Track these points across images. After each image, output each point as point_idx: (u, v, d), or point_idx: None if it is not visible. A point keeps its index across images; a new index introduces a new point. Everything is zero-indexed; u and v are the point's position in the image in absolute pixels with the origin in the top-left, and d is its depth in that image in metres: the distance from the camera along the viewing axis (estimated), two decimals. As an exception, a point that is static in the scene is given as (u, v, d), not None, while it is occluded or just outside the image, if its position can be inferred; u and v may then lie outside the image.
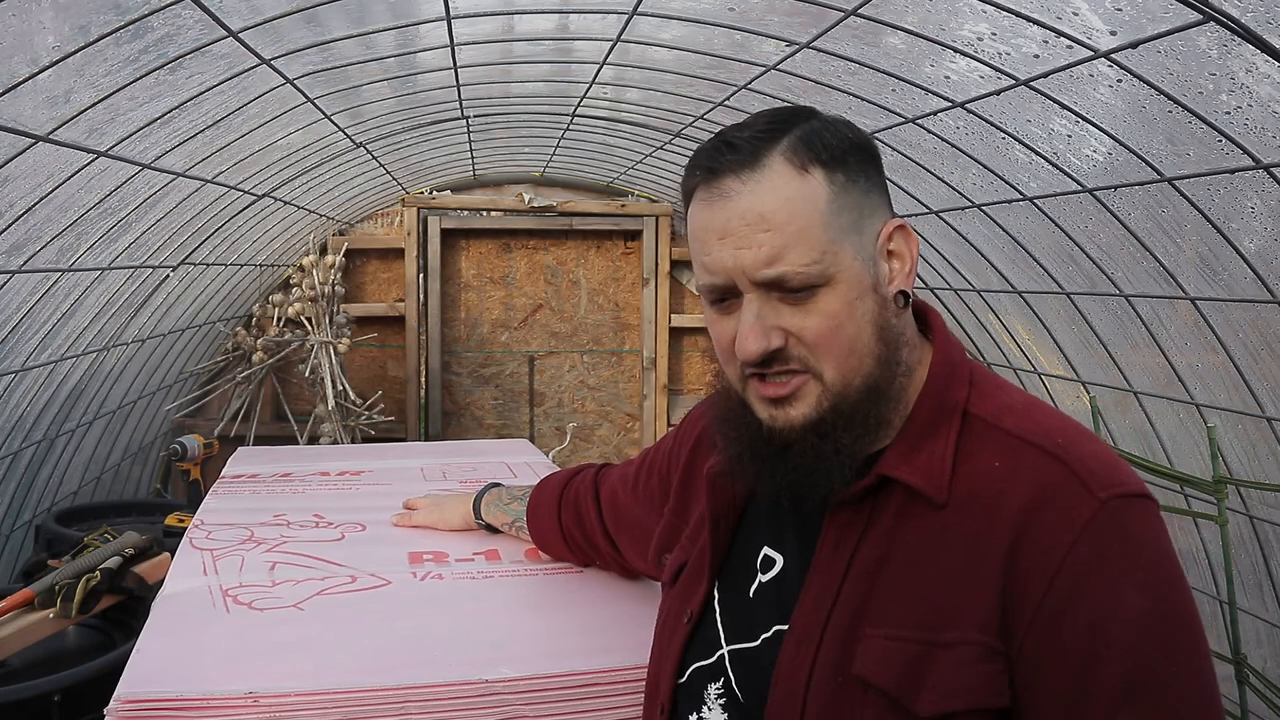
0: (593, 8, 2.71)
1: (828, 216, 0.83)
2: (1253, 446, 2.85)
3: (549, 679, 1.15)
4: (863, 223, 0.85)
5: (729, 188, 0.83)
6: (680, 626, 0.98)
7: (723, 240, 0.83)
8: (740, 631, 0.92)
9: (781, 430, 0.85)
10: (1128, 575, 0.74)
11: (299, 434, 5.20)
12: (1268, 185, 2.13)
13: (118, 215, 2.91)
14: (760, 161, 0.83)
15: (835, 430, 0.84)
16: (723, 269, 0.84)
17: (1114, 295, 2.98)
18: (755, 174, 0.83)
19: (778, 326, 0.83)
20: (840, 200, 0.84)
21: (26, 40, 1.88)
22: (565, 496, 1.44)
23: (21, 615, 1.91)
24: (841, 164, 0.84)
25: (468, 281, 5.84)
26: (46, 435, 3.49)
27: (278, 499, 1.93)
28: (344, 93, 3.24)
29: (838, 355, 0.83)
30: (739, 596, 0.94)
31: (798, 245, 0.81)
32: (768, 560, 0.93)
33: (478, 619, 1.31)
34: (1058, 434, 0.82)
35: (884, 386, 0.85)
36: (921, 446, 0.84)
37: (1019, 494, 0.78)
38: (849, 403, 0.84)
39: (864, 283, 0.84)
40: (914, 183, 3.42)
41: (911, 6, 2.28)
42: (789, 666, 0.84)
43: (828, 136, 0.85)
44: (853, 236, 0.84)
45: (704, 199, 0.85)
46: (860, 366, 0.84)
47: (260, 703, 1.07)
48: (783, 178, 0.83)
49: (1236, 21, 1.73)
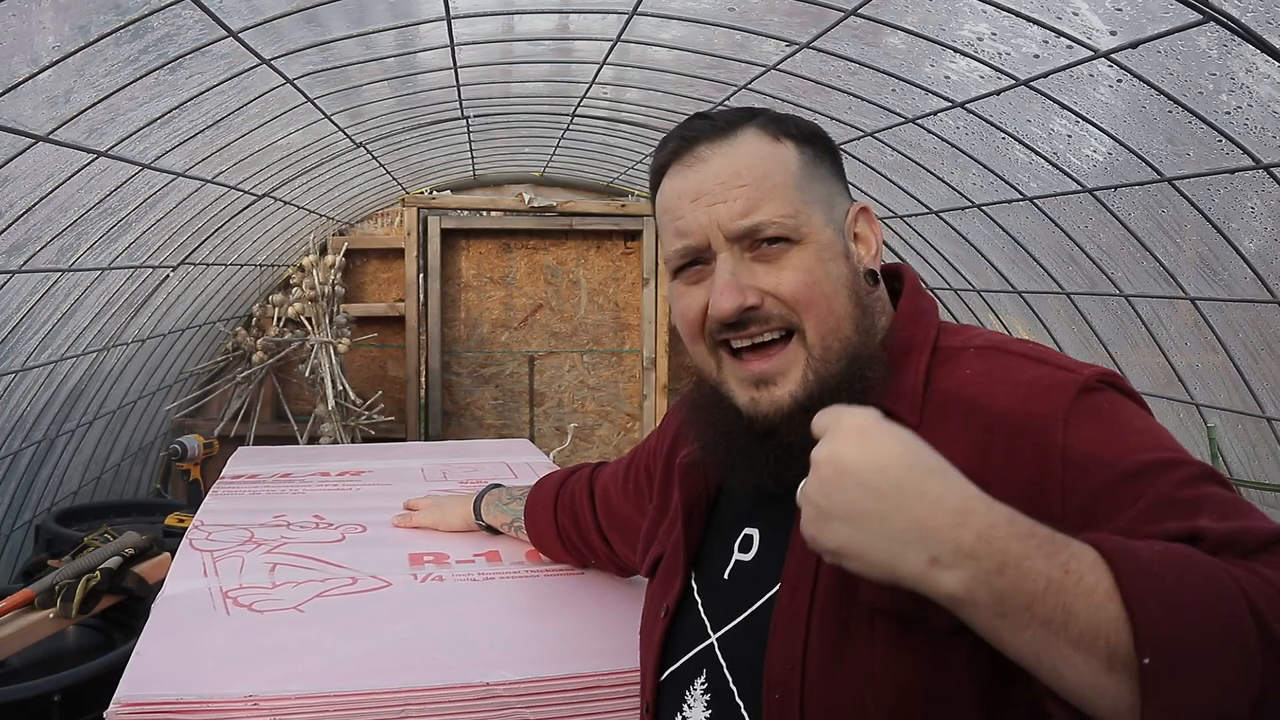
0: (593, 8, 2.71)
1: (800, 180, 0.85)
2: (1253, 446, 2.85)
3: (550, 682, 1.15)
4: (833, 199, 0.88)
5: (703, 152, 0.85)
6: (658, 622, 0.96)
7: (696, 200, 0.84)
8: (724, 615, 0.90)
9: (766, 414, 0.84)
10: (1128, 425, 0.75)
11: (299, 434, 5.20)
12: (1268, 185, 2.13)
13: (118, 215, 2.91)
14: (734, 131, 0.86)
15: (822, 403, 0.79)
16: (697, 226, 0.84)
17: (1114, 295, 2.98)
18: (729, 140, 0.85)
19: (753, 285, 0.83)
20: (809, 171, 0.86)
21: (26, 40, 1.88)
22: (561, 497, 1.44)
23: (21, 615, 1.91)
24: (809, 143, 0.88)
25: (468, 281, 5.84)
26: (46, 435, 3.49)
27: (278, 499, 1.93)
28: (344, 93, 3.24)
29: (818, 312, 0.82)
30: (716, 581, 0.93)
31: (774, 198, 0.83)
32: (747, 540, 0.91)
33: (478, 621, 1.31)
34: (1030, 344, 0.84)
35: (863, 355, 0.84)
36: (893, 376, 0.84)
37: (999, 393, 0.79)
38: (832, 371, 0.83)
39: (836, 248, 0.85)
40: (914, 183, 3.42)
41: (911, 6, 2.27)
42: (786, 609, 0.82)
43: (796, 120, 0.89)
44: (823, 207, 0.86)
45: (677, 167, 0.87)
46: (839, 328, 0.83)
47: (260, 705, 1.07)
48: (755, 142, 0.85)
49: (1236, 21, 1.73)
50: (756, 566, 0.89)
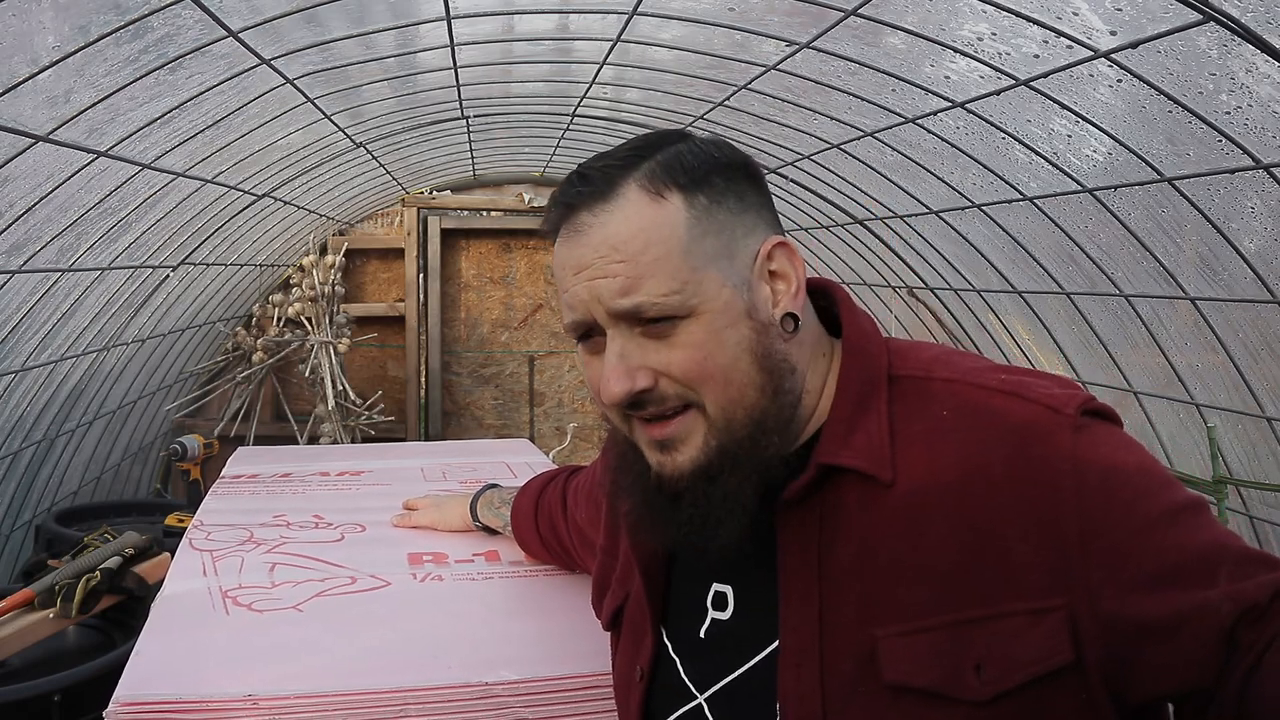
0: (593, 8, 2.71)
1: (687, 244, 0.77)
2: (1253, 446, 2.85)
3: (548, 681, 1.14)
4: (734, 245, 0.79)
5: (583, 222, 0.79)
6: (634, 685, 0.92)
7: (578, 274, 0.79)
8: (711, 674, 0.85)
9: (670, 478, 0.80)
10: (1145, 512, 0.72)
11: (299, 434, 5.20)
12: (1268, 185, 2.13)
13: (118, 215, 2.91)
14: (614, 191, 0.78)
15: (723, 474, 0.78)
16: (580, 302, 0.79)
17: (1114, 295, 2.98)
18: (607, 205, 0.78)
19: (643, 366, 0.78)
20: (703, 225, 0.78)
21: (26, 40, 1.88)
22: (540, 505, 1.42)
23: (21, 615, 1.91)
24: (704, 185, 0.79)
25: (468, 281, 5.84)
26: (46, 435, 3.49)
27: (277, 499, 1.93)
28: (344, 93, 3.24)
29: (714, 387, 0.77)
30: (691, 640, 0.88)
31: (654, 275, 0.76)
32: (720, 597, 0.87)
33: (477, 621, 1.31)
34: (996, 371, 0.80)
35: (770, 421, 0.79)
36: (856, 426, 0.79)
37: (987, 440, 0.75)
38: (735, 440, 0.78)
39: (734, 310, 0.78)
40: (914, 183, 3.42)
41: (911, 6, 2.27)
42: (795, 690, 0.77)
43: (689, 159, 0.80)
44: (720, 262, 0.78)
45: (563, 235, 0.81)
46: (742, 398, 0.78)
47: (260, 705, 1.07)
48: (635, 206, 0.78)
49: (1236, 21, 1.73)
50: (736, 626, 0.85)
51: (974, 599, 0.72)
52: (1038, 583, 0.71)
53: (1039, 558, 0.71)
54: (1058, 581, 0.71)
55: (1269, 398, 2.63)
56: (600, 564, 1.04)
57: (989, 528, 0.73)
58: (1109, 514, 0.71)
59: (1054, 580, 0.71)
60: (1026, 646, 0.71)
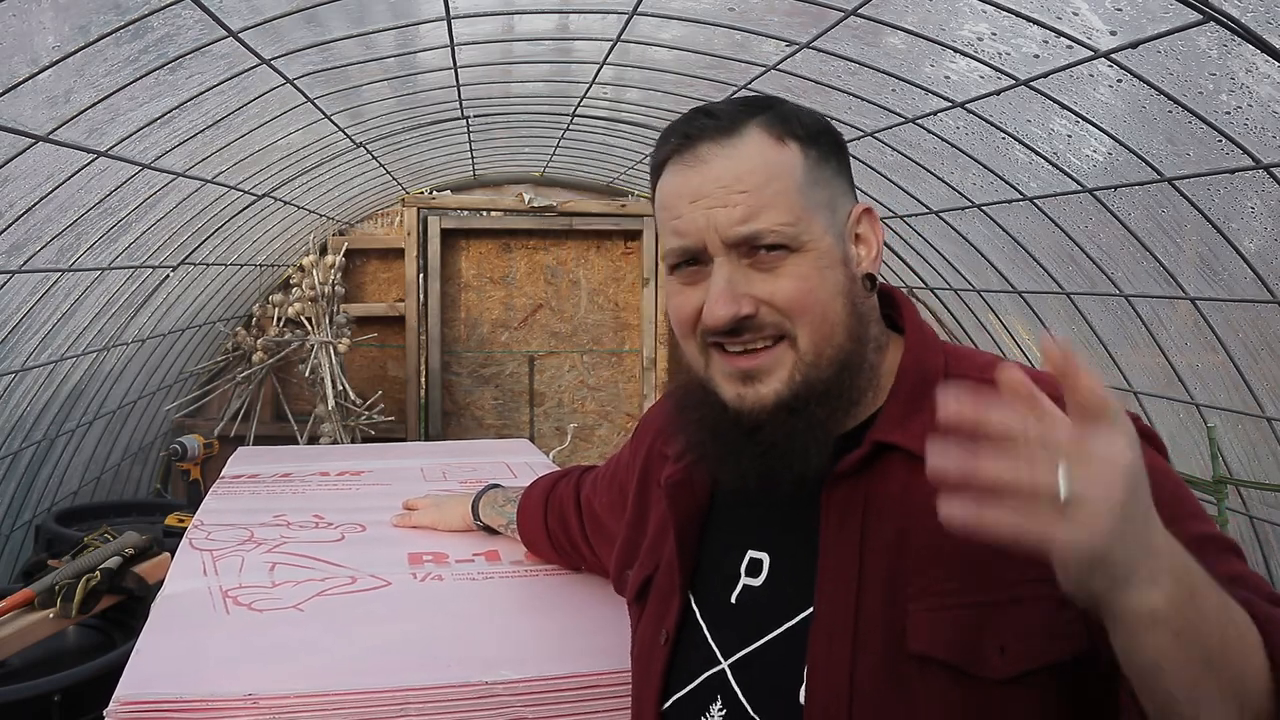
0: (593, 8, 2.71)
1: (803, 185, 0.83)
2: (1253, 446, 2.85)
3: (549, 681, 1.14)
4: (835, 201, 0.85)
5: (705, 152, 0.83)
6: (658, 649, 0.92)
7: (695, 202, 0.82)
8: (737, 640, 0.87)
9: (751, 410, 0.83)
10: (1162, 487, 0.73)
11: (299, 434, 5.20)
12: (1268, 185, 2.13)
13: (118, 215, 2.91)
14: (738, 129, 0.83)
15: (809, 405, 0.81)
16: (695, 229, 0.82)
17: (1114, 295, 2.98)
18: (732, 139, 0.83)
19: (748, 294, 0.81)
20: (814, 175, 0.84)
21: (26, 40, 1.88)
22: (550, 502, 1.43)
23: (21, 615, 1.91)
24: (815, 143, 0.85)
25: (468, 281, 5.84)
26: (46, 435, 3.49)
27: (278, 499, 1.93)
28: (344, 93, 3.24)
29: (812, 320, 0.81)
30: (722, 605, 0.89)
31: (774, 206, 0.81)
32: (755, 564, 0.88)
33: (478, 620, 1.31)
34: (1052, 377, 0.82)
35: (855, 361, 0.83)
36: (912, 412, 0.82)
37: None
38: (821, 376, 0.82)
39: (834, 255, 0.83)
40: (914, 183, 3.42)
41: (911, 6, 2.28)
42: (825, 659, 0.79)
43: (805, 117, 0.86)
44: (824, 211, 0.84)
45: (678, 165, 0.84)
46: (832, 335, 0.82)
47: (260, 704, 1.07)
48: (759, 144, 0.83)
49: (1236, 21, 1.73)
50: (770, 593, 0.87)
51: (1004, 584, 0.75)
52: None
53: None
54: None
55: (1269, 398, 2.63)
56: (625, 539, 1.06)
57: None
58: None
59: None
60: (1050, 633, 0.73)
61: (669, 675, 0.91)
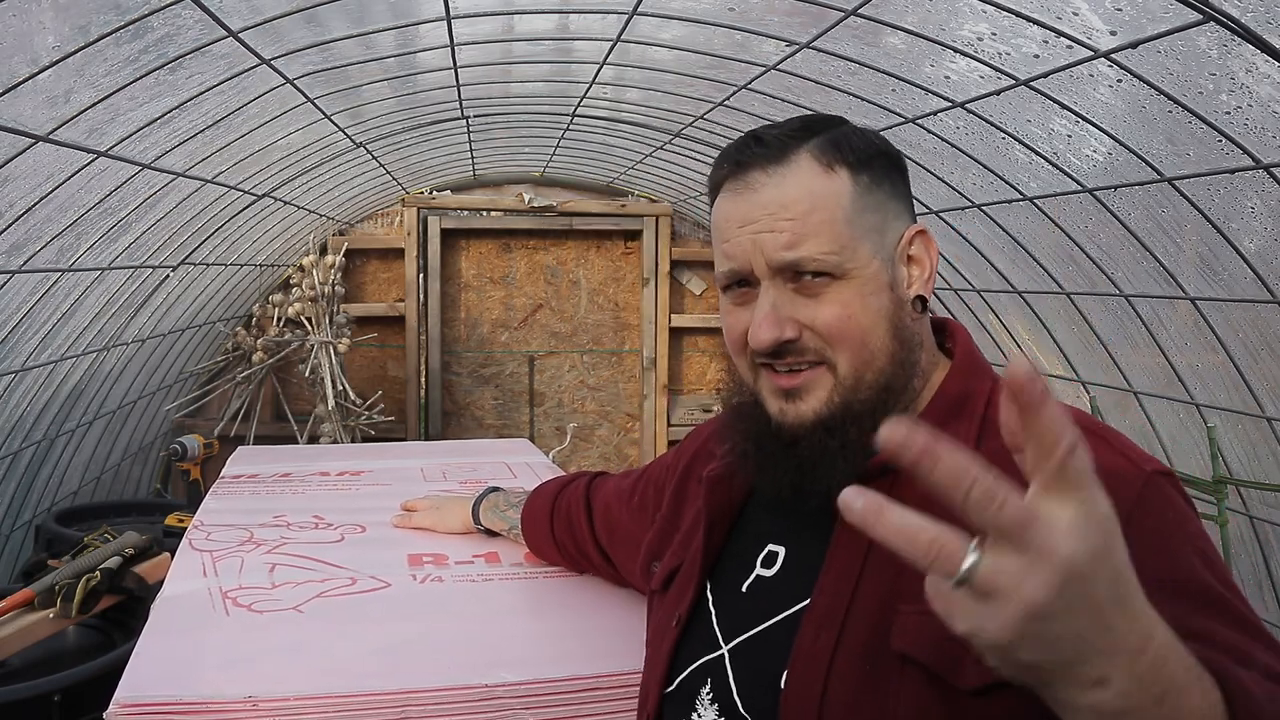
0: (593, 8, 2.71)
1: (850, 214, 0.85)
2: (1253, 446, 2.85)
3: (549, 683, 1.15)
4: (885, 224, 0.87)
5: (755, 180, 0.85)
6: (669, 631, 0.96)
7: (743, 227, 0.85)
8: (739, 626, 0.90)
9: (791, 425, 0.86)
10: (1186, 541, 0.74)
11: (299, 434, 5.20)
12: (1268, 185, 2.12)
13: (118, 215, 2.91)
14: (787, 157, 0.85)
15: (844, 426, 0.84)
16: (742, 253, 0.85)
17: (1114, 295, 2.98)
18: (781, 168, 0.85)
19: (792, 318, 0.84)
20: (863, 201, 0.86)
21: (26, 40, 1.88)
22: (557, 508, 1.43)
23: (21, 615, 1.91)
24: (867, 167, 0.87)
25: (468, 281, 5.84)
26: (46, 435, 3.49)
27: (277, 499, 1.93)
28: (344, 93, 3.24)
29: (852, 347, 0.84)
30: (733, 593, 0.93)
31: (819, 234, 0.83)
32: (770, 556, 0.92)
33: (477, 622, 1.31)
34: (1090, 417, 0.84)
35: (896, 385, 0.86)
36: (947, 426, 0.84)
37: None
38: (859, 399, 0.85)
39: (880, 280, 0.85)
40: (914, 183, 3.40)
41: (911, 6, 2.27)
42: (809, 647, 0.82)
43: (856, 140, 0.88)
44: (873, 236, 0.86)
45: (730, 190, 0.87)
46: (873, 361, 0.85)
47: (260, 706, 1.07)
48: (808, 173, 0.85)
49: (1236, 21, 1.72)
50: (778, 583, 0.90)
51: None
52: None
53: None
54: None
55: (1269, 398, 2.63)
56: (657, 531, 1.09)
57: None
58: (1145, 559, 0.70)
59: None
60: None
61: (675, 658, 0.94)
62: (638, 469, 1.31)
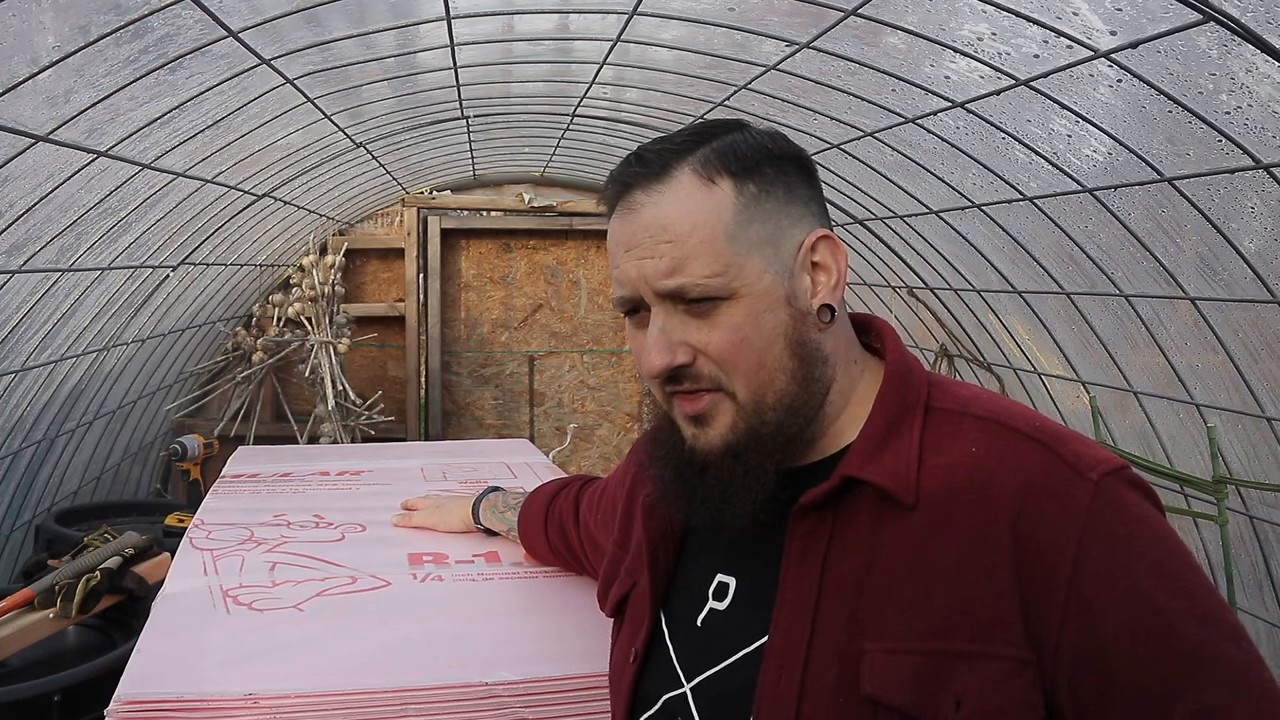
0: (593, 8, 2.71)
1: (733, 229, 0.80)
2: (1253, 446, 2.85)
3: (549, 682, 1.15)
4: (779, 234, 0.82)
5: (636, 200, 0.82)
6: (627, 667, 0.93)
7: (629, 252, 0.82)
8: (699, 663, 0.86)
9: (702, 452, 0.84)
10: (1142, 558, 0.71)
11: (299, 434, 5.20)
12: (1268, 185, 2.13)
13: (118, 215, 2.91)
14: (668, 174, 0.81)
15: (747, 451, 0.81)
16: (629, 279, 0.82)
17: (1114, 295, 2.98)
18: (660, 186, 0.81)
19: (684, 341, 0.81)
20: (749, 212, 0.81)
21: (26, 40, 1.88)
22: (550, 514, 1.43)
23: (21, 615, 1.91)
24: (755, 174, 0.82)
25: (468, 281, 5.84)
26: (46, 435, 3.49)
27: (278, 499, 1.93)
28: (344, 93, 3.24)
29: (746, 371, 0.80)
30: (688, 628, 0.89)
31: (699, 256, 0.79)
32: (721, 587, 0.88)
33: (478, 621, 1.31)
34: (1031, 418, 0.80)
35: (800, 405, 0.82)
36: (886, 446, 0.80)
37: (1006, 482, 0.75)
38: (764, 422, 0.81)
39: (774, 296, 0.81)
40: (914, 183, 3.42)
41: (911, 6, 2.27)
42: (772, 692, 0.78)
43: (742, 147, 0.83)
44: (764, 249, 0.81)
45: (617, 212, 0.84)
46: (772, 382, 0.81)
47: (260, 704, 1.07)
48: (687, 189, 0.81)
49: (1236, 21, 1.73)
50: (732, 616, 0.86)
51: (964, 634, 0.73)
52: (1023, 634, 0.72)
53: (1028, 611, 0.72)
54: (1034, 639, 0.72)
55: (1269, 398, 2.63)
56: (611, 556, 1.06)
57: (990, 570, 0.73)
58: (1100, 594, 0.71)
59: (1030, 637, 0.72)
60: (1009, 694, 0.71)
61: (636, 694, 0.91)
62: (605, 479, 1.28)
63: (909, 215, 3.69)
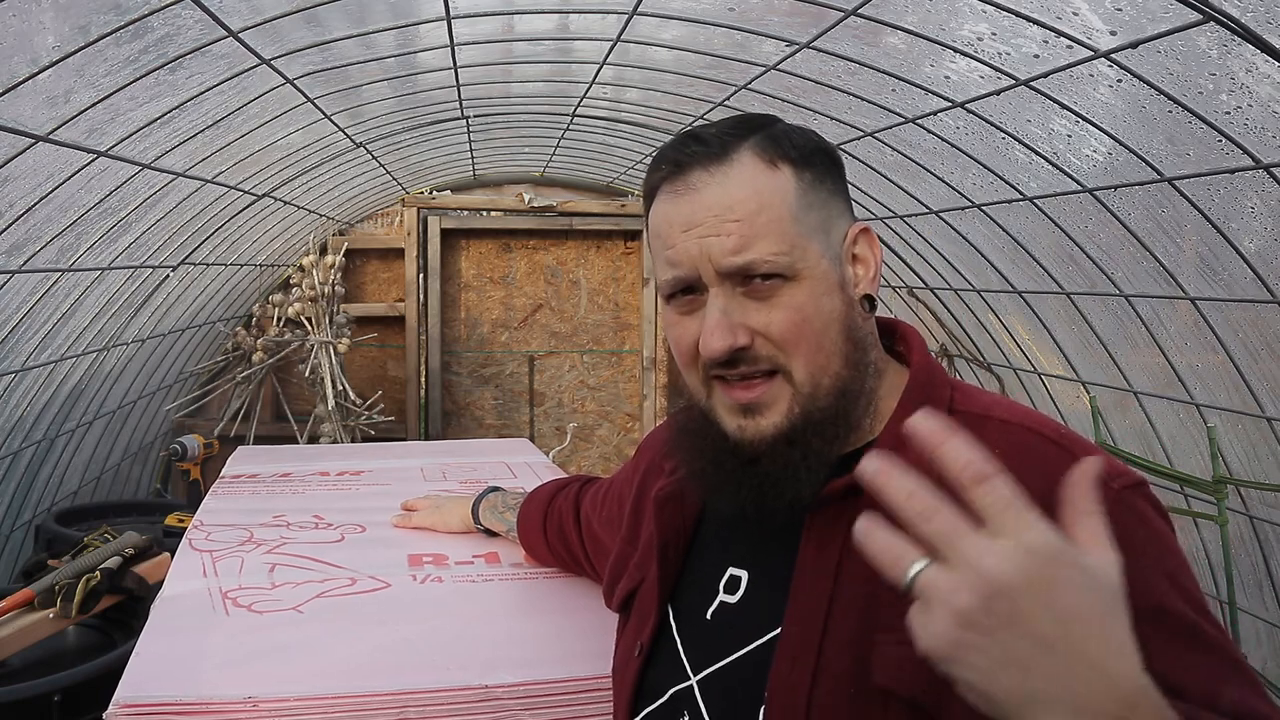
0: (593, 8, 2.71)
1: (796, 211, 0.81)
2: (1253, 446, 2.85)
3: (549, 684, 1.15)
4: (830, 223, 0.84)
5: (696, 180, 0.81)
6: (632, 662, 0.92)
7: (688, 231, 0.81)
8: (708, 656, 0.86)
9: (751, 441, 0.82)
10: (1159, 565, 0.72)
11: (299, 434, 5.20)
12: (1268, 185, 2.12)
13: (118, 215, 2.91)
14: (729, 155, 0.82)
15: (806, 436, 0.81)
16: (688, 259, 0.81)
17: (1114, 295, 2.98)
18: (724, 166, 0.81)
19: (744, 324, 0.80)
20: (808, 198, 0.82)
21: (26, 40, 1.88)
22: (549, 515, 1.43)
23: (21, 615, 1.91)
24: (809, 163, 0.83)
25: (468, 281, 5.84)
26: (46, 435, 3.49)
27: (277, 499, 1.93)
28: (344, 93, 3.24)
29: (806, 351, 0.81)
30: (697, 621, 0.89)
31: (767, 235, 0.79)
32: (733, 580, 0.88)
33: (477, 622, 1.31)
34: (1056, 425, 0.81)
35: (853, 388, 0.83)
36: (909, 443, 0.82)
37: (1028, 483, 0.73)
38: (819, 406, 0.81)
39: (830, 280, 0.82)
40: (914, 183, 3.42)
41: (911, 6, 2.27)
42: (785, 682, 0.78)
43: (796, 137, 0.84)
44: (820, 235, 0.82)
45: (670, 192, 0.83)
46: (829, 365, 0.81)
47: (259, 707, 1.07)
48: (751, 170, 0.81)
49: (1236, 21, 1.72)
50: (744, 610, 0.86)
51: None
52: None
53: None
54: None
55: (1269, 398, 2.63)
56: (618, 552, 1.06)
57: None
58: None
59: None
60: None
61: (641, 688, 0.91)
62: (608, 478, 1.28)
63: (909, 215, 3.69)
